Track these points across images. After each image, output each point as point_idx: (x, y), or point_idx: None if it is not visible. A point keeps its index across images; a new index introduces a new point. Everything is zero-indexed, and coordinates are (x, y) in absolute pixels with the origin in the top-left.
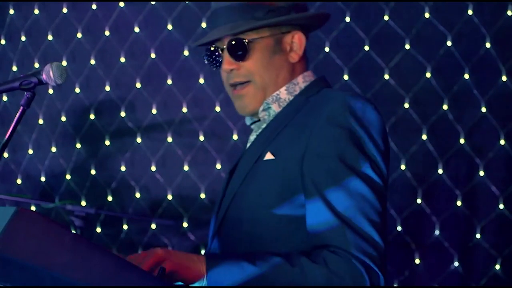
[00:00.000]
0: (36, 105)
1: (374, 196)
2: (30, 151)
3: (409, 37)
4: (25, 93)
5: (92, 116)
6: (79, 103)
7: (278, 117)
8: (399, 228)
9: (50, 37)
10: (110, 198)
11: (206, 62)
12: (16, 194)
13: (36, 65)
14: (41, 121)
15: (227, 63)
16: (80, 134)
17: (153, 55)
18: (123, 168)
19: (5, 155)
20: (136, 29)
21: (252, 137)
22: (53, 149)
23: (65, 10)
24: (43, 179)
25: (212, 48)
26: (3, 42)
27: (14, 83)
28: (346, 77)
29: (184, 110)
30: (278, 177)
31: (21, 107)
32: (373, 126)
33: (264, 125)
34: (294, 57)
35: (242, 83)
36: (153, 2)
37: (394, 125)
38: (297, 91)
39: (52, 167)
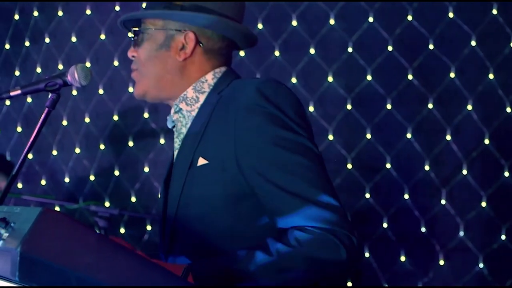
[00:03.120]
0: (60, 106)
1: (315, 163)
2: (54, 152)
3: (433, 37)
4: (50, 94)
5: (115, 118)
6: (103, 105)
7: (197, 119)
8: (423, 230)
9: (73, 39)
10: (133, 199)
11: None
12: (40, 195)
13: (60, 66)
14: (65, 123)
15: (130, 50)
16: (104, 136)
17: None
18: (146, 169)
19: (30, 156)
20: None
21: (176, 143)
22: (77, 150)
23: (88, 12)
24: (67, 180)
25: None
26: (27, 44)
27: (39, 85)
28: (369, 77)
29: None
30: (219, 180)
31: (46, 109)
32: (288, 106)
33: (183, 128)
34: (181, 55)
35: (134, 70)
36: None
37: (418, 125)
38: (206, 88)
39: (76, 168)
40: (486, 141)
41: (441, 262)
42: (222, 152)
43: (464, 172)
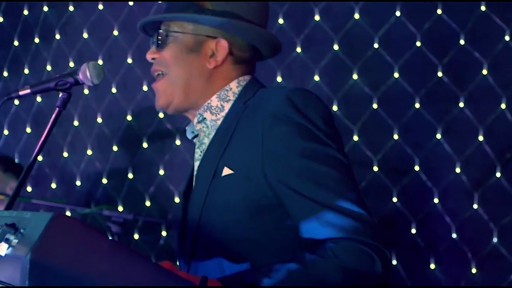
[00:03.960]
0: (71, 106)
1: (345, 175)
2: (65, 154)
3: (464, 31)
4: (61, 93)
5: (129, 118)
6: (116, 104)
7: (221, 128)
8: (454, 236)
9: (85, 35)
10: (148, 203)
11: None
12: (50, 198)
13: (71, 64)
14: (76, 123)
15: (150, 51)
16: (117, 137)
17: None
18: (161, 172)
19: (39, 158)
20: None
21: (198, 153)
22: (89, 152)
23: (100, 7)
24: (78, 183)
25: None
26: (37, 40)
27: (50, 84)
28: (396, 74)
29: None
30: (243, 190)
31: (57, 109)
32: (317, 116)
33: (205, 139)
34: (211, 63)
35: (159, 74)
36: None
37: (448, 125)
38: (231, 96)
39: (87, 171)
40: None
41: (473, 270)
42: (248, 162)
43: (498, 174)
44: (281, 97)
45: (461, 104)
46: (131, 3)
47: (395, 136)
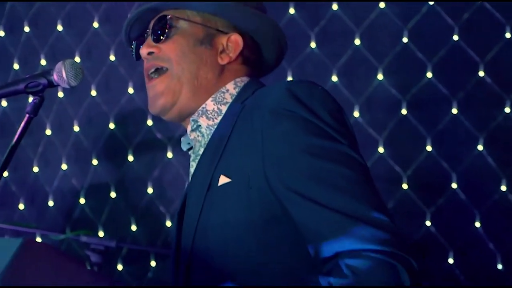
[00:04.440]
0: (43, 112)
1: (360, 174)
2: (35, 169)
3: (510, 23)
4: (31, 97)
5: (112, 125)
6: (96, 109)
7: (217, 133)
8: (499, 266)
9: (59, 28)
10: (134, 228)
11: (132, 54)
12: (18, 222)
13: (43, 62)
14: (48, 132)
15: (146, 45)
16: (97, 148)
17: None
18: (150, 190)
19: (5, 174)
20: None
21: (193, 167)
22: (64, 167)
23: None
24: (51, 203)
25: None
26: (2, 34)
27: (19, 86)
28: (429, 74)
29: None
30: (243, 201)
31: (27, 115)
32: (324, 109)
33: (201, 149)
34: (224, 58)
35: (158, 70)
36: None
37: (491, 134)
38: (228, 99)
39: (62, 189)
40: None
41: None
42: (248, 167)
43: None
44: (281, 90)
45: (507, 109)
46: None
47: (428, 148)
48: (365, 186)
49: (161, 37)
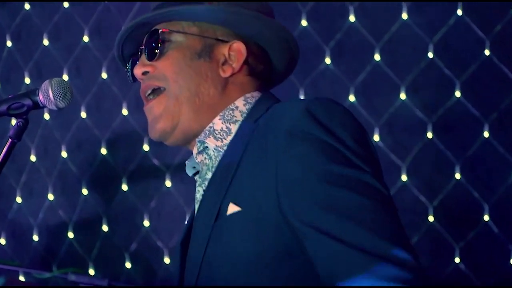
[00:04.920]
0: (28, 136)
1: (383, 206)
2: (18, 200)
3: None
4: (14, 120)
5: (103, 151)
6: (86, 133)
7: (226, 156)
8: None
9: (45, 42)
10: (128, 265)
11: (130, 77)
12: None
13: (27, 80)
14: (33, 158)
15: (140, 65)
16: (87, 176)
17: None
18: (146, 223)
19: None
20: None
21: (199, 193)
22: (50, 197)
23: (66, 5)
24: (35, 238)
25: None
26: None
27: (1, 107)
28: (458, 93)
29: None
30: (254, 233)
31: (9, 140)
32: (346, 131)
33: (208, 174)
34: (227, 70)
35: (155, 91)
36: None
37: None
38: (238, 116)
39: (48, 222)
40: None
41: None
42: (260, 194)
43: None
44: (298, 109)
45: None
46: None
47: (457, 175)
48: (387, 220)
49: (155, 54)
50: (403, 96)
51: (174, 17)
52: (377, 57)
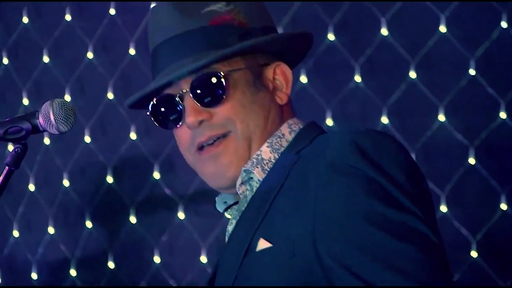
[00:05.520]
0: (26, 163)
1: (432, 257)
2: (15, 233)
3: None
4: (12, 145)
5: (109, 179)
6: (90, 159)
7: (262, 188)
8: None
9: (46, 59)
10: None
11: (156, 121)
12: None
13: (25, 101)
14: (32, 187)
15: (194, 112)
16: (92, 207)
17: None
18: (157, 259)
19: None
20: None
21: (231, 225)
22: (51, 230)
23: (68, 18)
24: (34, 276)
25: (164, 98)
26: None
27: None
28: (503, 114)
29: None
30: (284, 271)
31: (6, 167)
32: (397, 167)
33: (245, 206)
34: (283, 97)
35: (218, 138)
36: None
37: None
38: (284, 146)
39: (48, 258)
40: None
41: None
42: (294, 230)
43: None
44: (344, 140)
45: None
46: (112, 12)
47: (503, 206)
48: (435, 272)
49: (216, 99)
50: (441, 117)
51: (226, 55)
52: (412, 74)
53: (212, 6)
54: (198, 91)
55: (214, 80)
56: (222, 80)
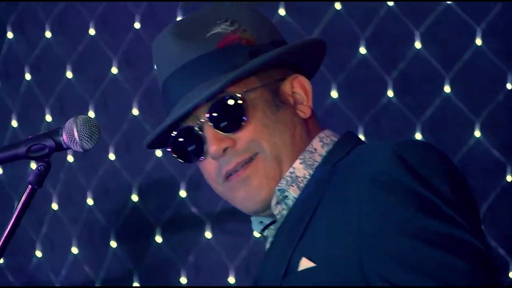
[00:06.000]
0: (49, 181)
1: (481, 270)
2: (38, 254)
3: None
4: (35, 164)
5: (134, 198)
6: (115, 177)
7: (298, 205)
8: None
9: (69, 74)
10: None
11: (178, 157)
12: None
13: (48, 118)
14: (55, 206)
15: (216, 141)
16: (117, 226)
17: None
18: (183, 280)
19: (0, 260)
20: None
21: (269, 245)
22: (74, 250)
23: (92, 32)
24: None
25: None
26: None
27: (19, 149)
28: None
29: None
30: None
31: (29, 186)
32: (442, 179)
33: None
34: (306, 110)
35: (246, 163)
36: None
37: None
38: (318, 160)
39: (72, 279)
40: None
41: None
42: (338, 249)
43: None
44: (386, 152)
45: None
46: (137, 26)
47: None
48: (483, 285)
49: (237, 125)
50: (477, 133)
51: (241, 76)
52: (447, 88)
53: (217, 28)
54: (217, 118)
55: (231, 103)
56: (240, 102)
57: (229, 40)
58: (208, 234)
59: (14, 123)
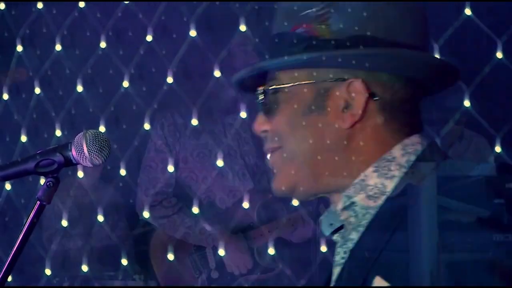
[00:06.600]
0: (58, 197)
1: None
2: (48, 272)
3: None
4: (43, 179)
5: (146, 215)
6: (127, 195)
7: (380, 217)
8: None
9: (79, 88)
10: None
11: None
12: None
13: (58, 133)
14: (65, 223)
15: (260, 121)
16: (128, 246)
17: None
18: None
19: (8, 278)
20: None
21: (339, 255)
22: (85, 268)
23: (103, 45)
24: None
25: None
26: (5, 96)
27: (28, 164)
28: None
29: None
30: None
31: (38, 202)
32: None
33: (353, 234)
34: (346, 119)
35: (273, 151)
36: None
37: None
38: (396, 171)
39: None
40: None
41: None
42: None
43: None
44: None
45: None
46: (149, 39)
47: None
48: None
49: (270, 111)
50: (498, 148)
51: (289, 65)
52: (466, 103)
53: (307, 11)
54: (262, 100)
55: (269, 93)
56: (269, 93)
57: (302, 26)
58: (221, 252)
59: (23, 138)
